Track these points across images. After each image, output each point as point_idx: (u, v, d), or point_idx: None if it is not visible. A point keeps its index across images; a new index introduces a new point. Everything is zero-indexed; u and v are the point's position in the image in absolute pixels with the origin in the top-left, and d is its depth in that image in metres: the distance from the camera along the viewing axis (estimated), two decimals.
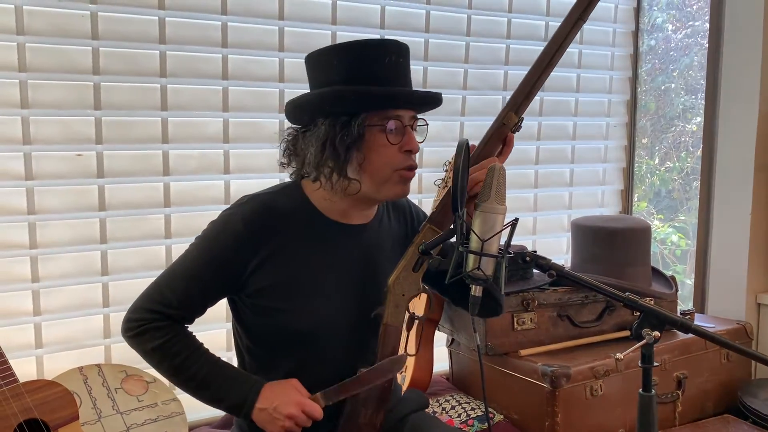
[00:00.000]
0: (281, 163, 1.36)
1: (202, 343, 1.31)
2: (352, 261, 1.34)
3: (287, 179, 2.23)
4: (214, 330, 2.05)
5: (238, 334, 1.38)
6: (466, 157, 1.18)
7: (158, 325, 1.26)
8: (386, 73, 1.23)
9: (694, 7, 3.17)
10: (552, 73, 1.35)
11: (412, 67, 1.31)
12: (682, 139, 3.26)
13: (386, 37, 2.27)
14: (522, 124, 1.32)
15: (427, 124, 1.32)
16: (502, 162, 1.31)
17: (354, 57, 1.24)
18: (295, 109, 1.30)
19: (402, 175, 1.27)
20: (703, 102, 2.66)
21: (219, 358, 1.30)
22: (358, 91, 1.22)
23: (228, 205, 2.10)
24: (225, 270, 1.27)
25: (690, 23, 3.21)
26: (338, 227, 1.33)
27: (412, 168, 1.28)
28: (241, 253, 1.26)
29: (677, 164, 3.28)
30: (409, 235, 1.42)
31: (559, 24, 1.32)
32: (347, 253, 1.33)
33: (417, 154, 1.30)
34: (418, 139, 1.30)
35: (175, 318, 1.27)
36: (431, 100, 1.31)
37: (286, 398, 1.25)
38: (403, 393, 1.55)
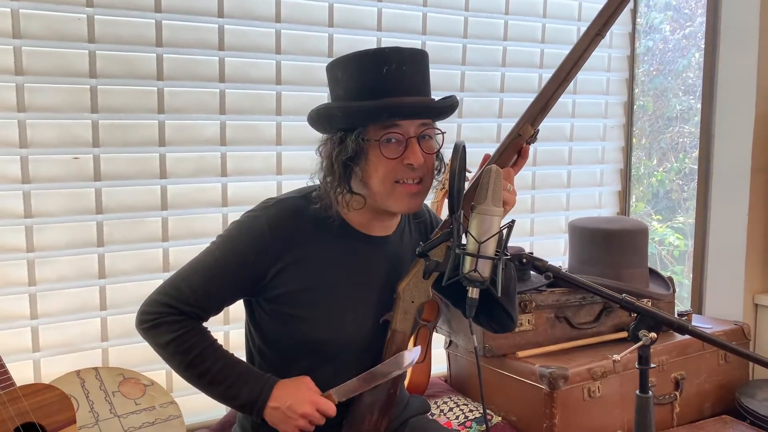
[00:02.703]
0: (311, 176, 1.32)
1: (215, 339, 1.29)
2: (374, 272, 1.33)
3: (285, 182, 2.24)
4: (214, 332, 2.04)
5: (251, 335, 1.37)
6: (462, 160, 1.18)
7: (173, 319, 1.24)
8: (384, 84, 1.19)
9: (693, 7, 3.17)
10: (550, 74, 1.35)
11: None
12: (680, 140, 3.27)
13: (382, 39, 2.28)
14: (537, 136, 1.31)
15: (443, 133, 1.27)
16: (516, 173, 1.30)
17: (353, 69, 1.22)
18: (310, 121, 1.30)
19: (403, 191, 1.23)
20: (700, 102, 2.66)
21: (232, 354, 1.29)
22: (344, 107, 1.21)
23: (228, 207, 2.11)
24: (246, 272, 1.25)
25: (687, 24, 3.22)
26: (362, 237, 1.31)
27: (416, 182, 1.23)
28: (265, 257, 1.25)
29: (675, 165, 3.29)
30: None
31: (555, 25, 1.33)
32: (370, 264, 1.32)
33: (425, 166, 1.23)
34: (432, 148, 1.26)
35: (189, 315, 1.26)
36: (428, 110, 1.23)
37: (299, 396, 1.24)
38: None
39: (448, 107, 1.26)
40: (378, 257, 1.33)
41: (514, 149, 1.30)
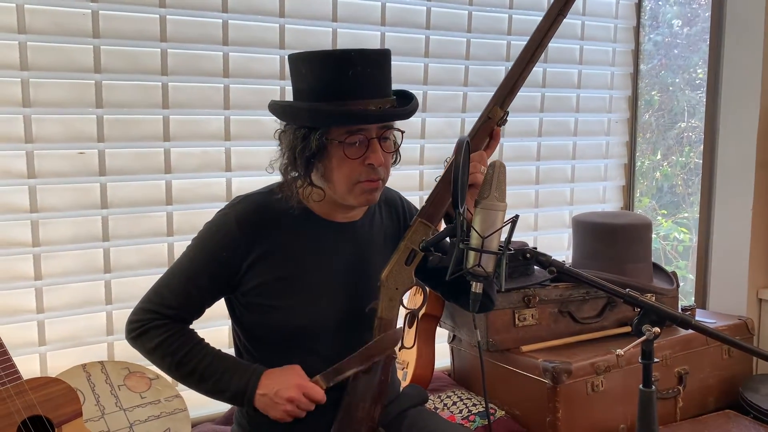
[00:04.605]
0: (270, 163, 1.36)
1: (202, 338, 1.34)
2: (344, 258, 1.36)
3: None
4: (217, 327, 2.06)
5: (236, 332, 1.40)
6: (466, 155, 1.19)
7: (158, 323, 1.29)
8: (349, 86, 1.22)
9: (700, 2, 3.16)
10: (553, 69, 1.36)
11: (413, 64, 1.31)
12: (685, 134, 3.26)
13: (386, 34, 2.28)
14: (507, 118, 1.35)
15: (403, 132, 1.31)
16: (489, 155, 1.34)
17: (319, 68, 1.24)
18: (272, 110, 1.32)
19: (363, 187, 1.27)
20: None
21: (219, 350, 1.32)
22: (311, 109, 1.23)
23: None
24: (221, 269, 1.30)
25: (695, 19, 3.20)
26: (329, 225, 1.35)
27: (375, 180, 1.27)
28: (236, 253, 1.29)
29: (680, 159, 3.28)
30: (401, 230, 1.44)
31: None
32: (339, 250, 1.35)
33: (384, 165, 1.27)
34: (390, 147, 1.29)
35: (174, 318, 1.31)
36: (391, 117, 1.27)
37: (286, 382, 1.26)
38: (402, 388, 1.56)
39: (411, 112, 1.30)
40: (345, 243, 1.36)
41: (485, 132, 1.34)
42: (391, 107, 1.27)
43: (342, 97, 1.22)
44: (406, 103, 1.30)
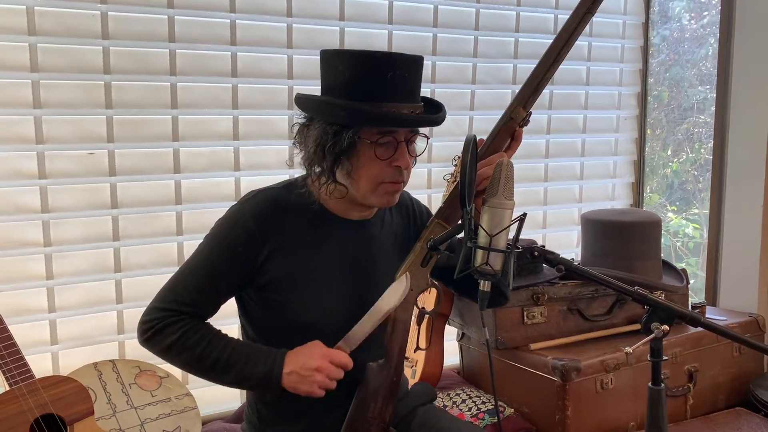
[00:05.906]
0: (290, 157, 1.37)
1: (219, 330, 1.32)
2: (355, 255, 1.36)
3: (298, 175, 2.25)
4: (228, 325, 2.06)
5: (245, 328, 1.41)
6: (473, 153, 1.19)
7: (173, 320, 1.27)
8: (386, 88, 1.22)
9: None
10: (561, 66, 1.35)
11: None
12: (695, 130, 3.24)
13: (394, 32, 2.28)
14: (530, 119, 1.33)
15: (428, 138, 1.33)
16: (509, 156, 1.31)
17: (357, 67, 1.24)
18: (301, 104, 1.32)
19: (386, 189, 1.28)
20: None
21: (238, 339, 1.31)
22: (350, 107, 1.23)
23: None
24: (235, 263, 1.29)
25: (705, 13, 3.18)
26: (342, 222, 1.35)
27: (398, 182, 1.29)
28: (250, 247, 1.29)
29: (691, 155, 3.26)
30: (411, 230, 1.44)
31: (567, 17, 1.33)
32: (350, 248, 1.36)
33: (408, 168, 1.29)
34: (415, 151, 1.31)
35: (189, 315, 1.29)
36: (426, 123, 1.30)
37: (311, 354, 1.25)
38: (411, 386, 1.56)
39: (442, 119, 1.32)
40: (357, 240, 1.37)
41: (506, 133, 1.32)
42: (420, 113, 1.28)
43: (378, 99, 1.22)
44: (433, 110, 1.31)
